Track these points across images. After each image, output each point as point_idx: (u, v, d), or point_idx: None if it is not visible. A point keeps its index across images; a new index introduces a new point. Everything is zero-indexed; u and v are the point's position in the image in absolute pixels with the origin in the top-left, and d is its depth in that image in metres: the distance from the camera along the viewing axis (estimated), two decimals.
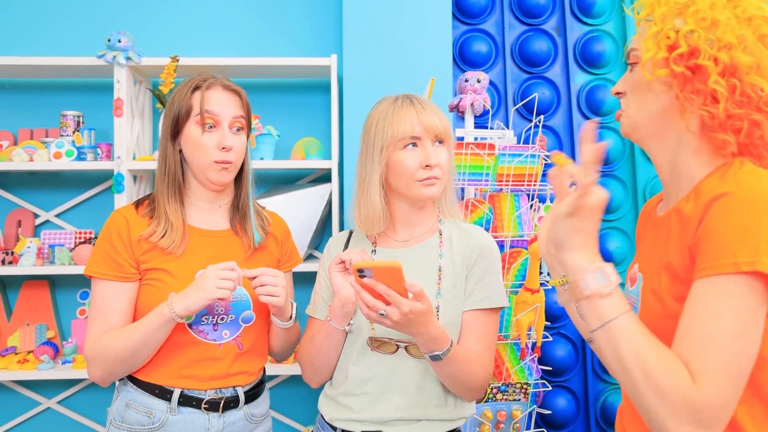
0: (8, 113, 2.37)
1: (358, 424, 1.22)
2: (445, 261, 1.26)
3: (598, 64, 2.44)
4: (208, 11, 2.41)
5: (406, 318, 1.04)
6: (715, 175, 0.87)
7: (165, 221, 1.26)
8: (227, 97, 1.28)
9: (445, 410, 1.23)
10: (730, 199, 0.78)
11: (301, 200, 2.16)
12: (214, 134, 1.26)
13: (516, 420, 1.85)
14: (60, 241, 2.24)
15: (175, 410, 1.24)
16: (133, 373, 1.27)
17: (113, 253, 1.25)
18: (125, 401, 1.26)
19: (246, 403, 1.30)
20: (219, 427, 1.26)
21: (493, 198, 1.88)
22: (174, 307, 1.17)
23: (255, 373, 1.33)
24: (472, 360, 1.19)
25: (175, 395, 1.24)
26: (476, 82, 1.89)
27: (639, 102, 0.94)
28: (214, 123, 1.26)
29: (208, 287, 1.16)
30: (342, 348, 1.28)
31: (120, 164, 2.10)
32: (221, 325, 1.27)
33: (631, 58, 0.96)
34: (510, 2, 2.46)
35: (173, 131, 1.28)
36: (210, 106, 1.25)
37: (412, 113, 1.22)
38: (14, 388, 2.32)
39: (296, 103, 2.41)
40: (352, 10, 2.18)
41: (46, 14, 2.38)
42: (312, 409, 2.36)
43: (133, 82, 2.20)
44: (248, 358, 1.31)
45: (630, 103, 0.96)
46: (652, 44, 0.88)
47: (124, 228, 1.27)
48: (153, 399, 1.25)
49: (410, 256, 1.27)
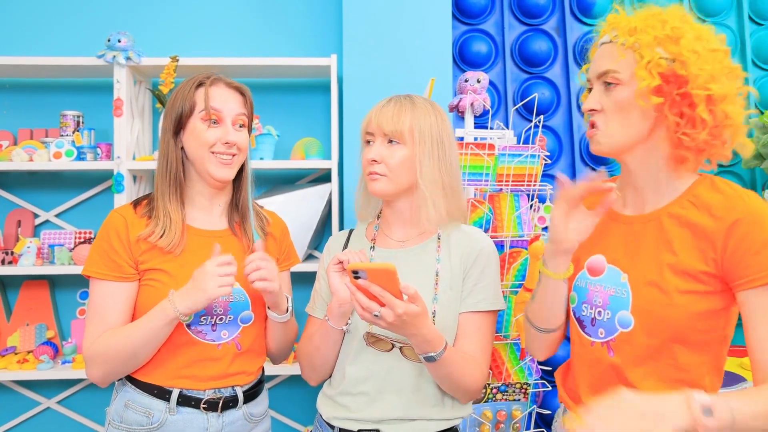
0: (8, 113, 2.37)
1: (355, 423, 1.22)
2: (443, 265, 1.26)
3: None
4: (208, 11, 2.41)
5: (401, 319, 1.05)
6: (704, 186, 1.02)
7: (164, 220, 1.26)
8: (231, 94, 1.29)
9: (442, 410, 1.23)
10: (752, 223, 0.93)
11: (301, 200, 2.16)
12: (217, 130, 1.26)
13: (516, 420, 1.85)
14: (60, 241, 2.24)
15: (174, 410, 1.24)
16: (131, 374, 1.26)
17: (111, 253, 1.25)
18: (124, 401, 1.26)
19: (245, 403, 1.30)
20: (218, 427, 1.26)
21: (493, 198, 1.88)
22: (177, 306, 1.17)
23: (254, 373, 1.33)
24: (467, 362, 1.19)
25: (174, 395, 1.24)
26: (476, 82, 1.89)
27: (622, 123, 1.02)
28: (218, 119, 1.27)
29: (208, 287, 1.15)
30: (340, 347, 1.28)
31: (120, 164, 2.10)
32: (220, 326, 1.27)
33: (609, 78, 1.02)
34: (510, 2, 2.46)
35: (176, 128, 1.28)
36: (214, 102, 1.26)
37: (373, 110, 1.27)
38: (14, 388, 2.32)
39: (296, 103, 2.41)
40: (352, 10, 2.18)
41: (46, 14, 2.38)
42: (311, 409, 2.35)
43: (133, 82, 2.20)
44: (247, 358, 1.31)
45: (610, 122, 1.03)
46: (645, 73, 0.97)
47: (122, 227, 1.26)
48: (152, 399, 1.24)
49: (407, 258, 1.27)
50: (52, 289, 2.32)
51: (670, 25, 0.98)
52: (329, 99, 2.21)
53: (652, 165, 1.05)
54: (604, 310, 1.07)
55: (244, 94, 1.32)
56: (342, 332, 1.25)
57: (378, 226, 1.35)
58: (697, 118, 0.97)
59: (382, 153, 1.24)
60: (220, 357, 1.27)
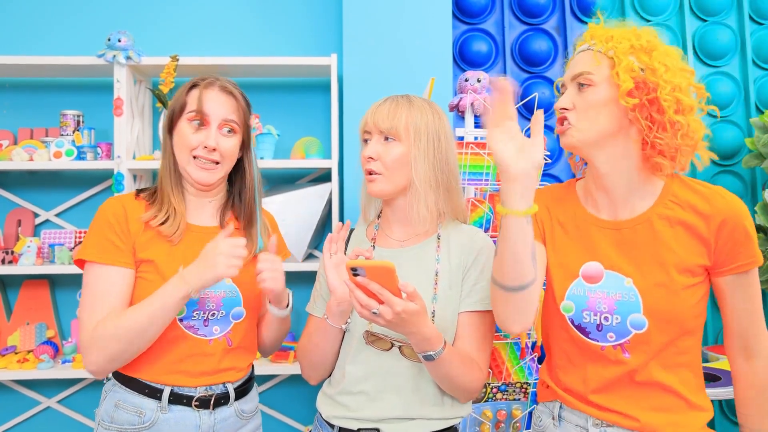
0: (8, 113, 2.37)
1: (355, 422, 1.22)
2: (442, 264, 1.26)
3: None
4: (208, 11, 2.41)
5: (399, 317, 1.05)
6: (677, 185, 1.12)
7: (168, 208, 1.27)
8: (222, 98, 1.28)
9: (442, 409, 1.23)
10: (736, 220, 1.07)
11: (301, 200, 2.16)
12: (201, 133, 1.26)
13: (516, 419, 1.85)
14: (60, 240, 2.24)
15: (165, 409, 1.23)
16: (121, 370, 1.24)
17: (111, 235, 1.22)
18: (114, 402, 1.24)
19: (236, 400, 1.31)
20: (210, 424, 1.26)
21: (493, 198, 1.88)
22: (191, 281, 1.15)
23: (244, 369, 1.34)
24: (466, 361, 1.19)
25: (165, 393, 1.23)
26: (476, 82, 1.89)
27: (591, 121, 1.09)
28: (204, 122, 1.26)
29: (219, 265, 1.15)
30: (340, 346, 1.28)
31: (120, 164, 2.10)
32: (212, 321, 1.27)
33: (583, 80, 1.10)
34: (510, 2, 2.47)
35: (169, 126, 1.30)
36: (202, 105, 1.26)
37: (370, 109, 1.27)
38: (14, 387, 2.32)
39: (296, 103, 2.41)
40: (352, 10, 2.18)
41: (46, 14, 2.38)
42: (311, 408, 2.36)
43: (133, 81, 2.20)
44: (237, 354, 1.31)
45: (581, 120, 1.10)
46: (625, 77, 1.05)
47: (121, 213, 1.24)
48: (143, 398, 1.23)
49: (407, 257, 1.27)
50: (52, 288, 2.32)
51: (644, 39, 1.08)
52: (329, 98, 2.21)
53: (624, 169, 1.12)
54: (611, 315, 1.11)
55: (237, 99, 1.29)
56: (341, 331, 1.25)
57: (378, 226, 1.35)
58: (667, 123, 1.05)
59: (378, 150, 1.24)
60: (212, 353, 1.27)
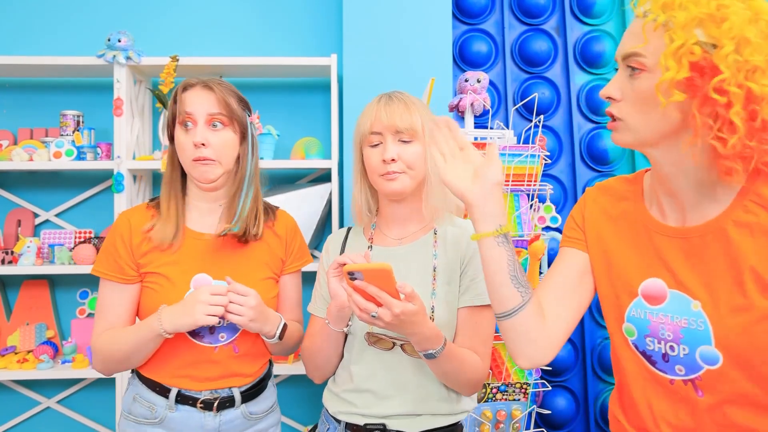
0: (8, 113, 2.37)
1: (361, 417, 1.23)
2: (440, 260, 1.26)
3: (598, 64, 2.44)
4: (208, 11, 2.41)
5: (398, 319, 1.05)
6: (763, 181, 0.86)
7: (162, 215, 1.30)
8: (204, 94, 1.28)
9: (448, 404, 1.24)
10: None
11: (301, 200, 2.16)
12: (190, 133, 1.27)
13: (516, 420, 1.86)
14: (60, 240, 2.24)
15: (173, 407, 1.27)
16: (138, 368, 1.32)
17: (115, 255, 1.29)
18: (132, 395, 1.31)
19: (244, 402, 1.31)
20: (215, 425, 1.28)
21: None
22: (164, 324, 1.20)
23: (252, 375, 1.34)
24: (467, 357, 1.20)
25: (173, 394, 1.27)
26: (476, 82, 1.89)
27: (644, 117, 0.87)
28: (192, 122, 1.27)
29: (196, 313, 1.17)
30: (342, 347, 1.29)
31: (120, 164, 2.10)
32: (218, 329, 1.29)
33: (633, 63, 0.86)
34: (510, 2, 2.46)
35: (170, 136, 1.33)
36: (185, 107, 1.27)
37: (375, 110, 1.25)
38: (14, 387, 2.32)
39: (296, 103, 2.41)
40: (352, 10, 2.18)
41: (46, 14, 2.38)
42: (311, 409, 2.36)
43: (133, 81, 2.20)
44: (244, 361, 1.32)
45: (632, 114, 0.88)
46: (673, 62, 0.79)
47: (126, 231, 1.30)
48: (155, 395, 1.28)
49: (404, 254, 1.28)
50: (52, 288, 2.32)
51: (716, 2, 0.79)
52: (329, 99, 2.21)
53: (689, 170, 0.89)
54: (677, 345, 0.91)
55: (217, 92, 1.27)
56: (343, 334, 1.26)
57: (375, 225, 1.35)
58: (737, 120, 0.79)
59: (397, 150, 1.24)
60: (217, 360, 1.28)
